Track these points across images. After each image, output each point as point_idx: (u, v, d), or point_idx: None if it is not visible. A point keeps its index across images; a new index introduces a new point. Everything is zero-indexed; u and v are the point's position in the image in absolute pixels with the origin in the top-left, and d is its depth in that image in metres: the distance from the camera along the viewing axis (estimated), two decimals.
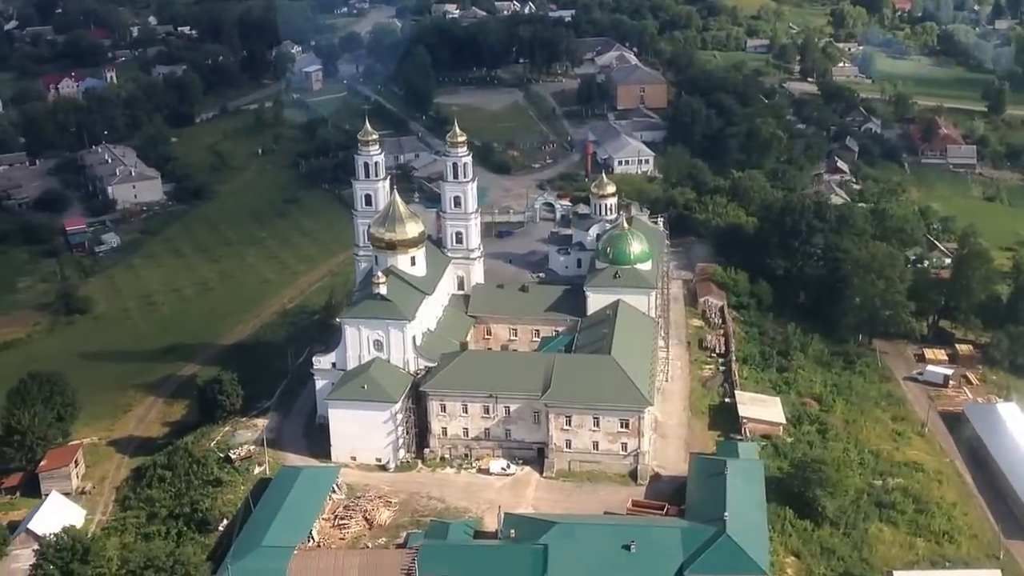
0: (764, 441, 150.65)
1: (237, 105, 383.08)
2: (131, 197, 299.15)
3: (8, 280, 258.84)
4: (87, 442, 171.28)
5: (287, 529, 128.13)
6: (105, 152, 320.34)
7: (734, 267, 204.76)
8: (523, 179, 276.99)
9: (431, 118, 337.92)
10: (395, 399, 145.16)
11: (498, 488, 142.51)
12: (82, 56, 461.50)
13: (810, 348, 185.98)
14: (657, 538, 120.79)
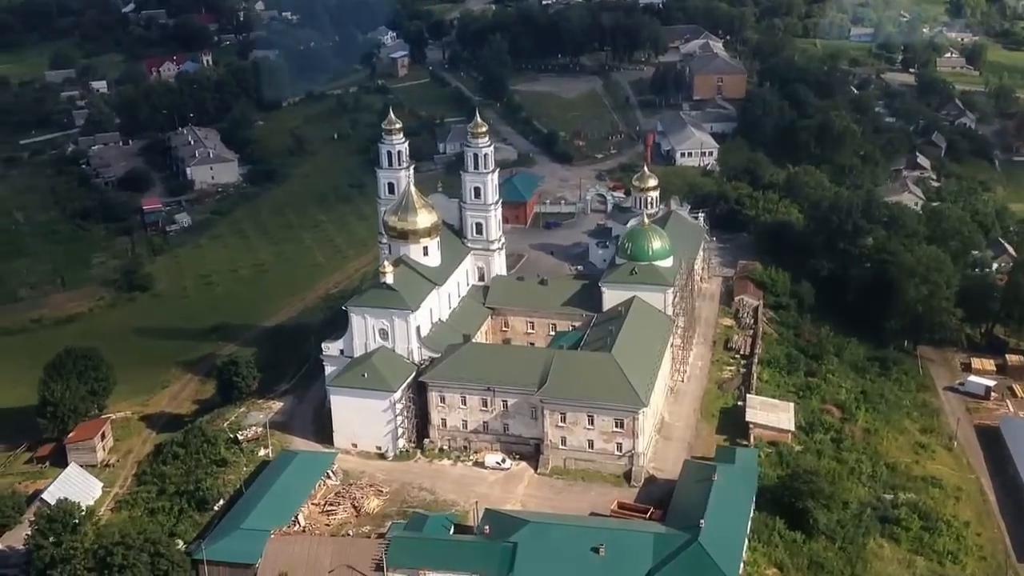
0: (770, 448, 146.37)
1: (323, 90, 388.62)
2: (208, 178, 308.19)
3: (84, 256, 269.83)
4: (120, 416, 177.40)
5: (271, 512, 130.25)
6: (189, 134, 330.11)
7: (777, 266, 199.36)
8: (584, 169, 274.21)
9: (505, 105, 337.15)
10: (394, 389, 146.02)
11: (491, 482, 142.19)
12: (188, 40, 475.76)
13: (846, 353, 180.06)
14: (628, 542, 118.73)
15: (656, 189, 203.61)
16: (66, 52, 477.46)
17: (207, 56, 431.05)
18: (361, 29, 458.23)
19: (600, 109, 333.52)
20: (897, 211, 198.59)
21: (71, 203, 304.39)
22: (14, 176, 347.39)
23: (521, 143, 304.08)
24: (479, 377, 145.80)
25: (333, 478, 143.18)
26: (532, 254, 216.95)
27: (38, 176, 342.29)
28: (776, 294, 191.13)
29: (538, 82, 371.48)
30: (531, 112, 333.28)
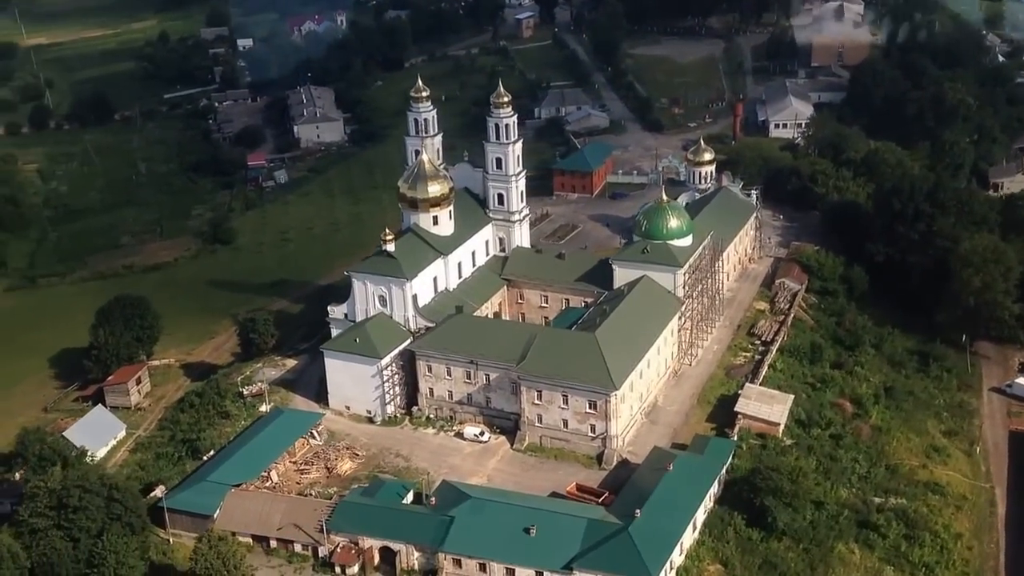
0: (757, 440, 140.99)
1: (446, 51, 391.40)
2: (314, 137, 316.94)
3: (186, 208, 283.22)
4: (162, 363, 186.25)
5: (241, 467, 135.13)
6: (304, 92, 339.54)
7: (837, 248, 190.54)
8: (672, 138, 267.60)
9: (613, 70, 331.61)
10: (381, 355, 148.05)
11: (466, 454, 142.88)
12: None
13: (886, 344, 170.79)
14: (560, 526, 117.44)
15: (711, 164, 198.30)
16: (222, 10, 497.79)
17: (341, 16, 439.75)
18: None
19: (711, 75, 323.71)
20: (965, 196, 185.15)
21: (188, 156, 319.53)
22: (150, 128, 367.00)
23: (620, 109, 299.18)
24: (463, 349, 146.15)
25: (317, 438, 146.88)
26: (588, 225, 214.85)
27: (169, 129, 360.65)
28: (823, 279, 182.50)
29: (658, 45, 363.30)
30: (638, 77, 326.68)
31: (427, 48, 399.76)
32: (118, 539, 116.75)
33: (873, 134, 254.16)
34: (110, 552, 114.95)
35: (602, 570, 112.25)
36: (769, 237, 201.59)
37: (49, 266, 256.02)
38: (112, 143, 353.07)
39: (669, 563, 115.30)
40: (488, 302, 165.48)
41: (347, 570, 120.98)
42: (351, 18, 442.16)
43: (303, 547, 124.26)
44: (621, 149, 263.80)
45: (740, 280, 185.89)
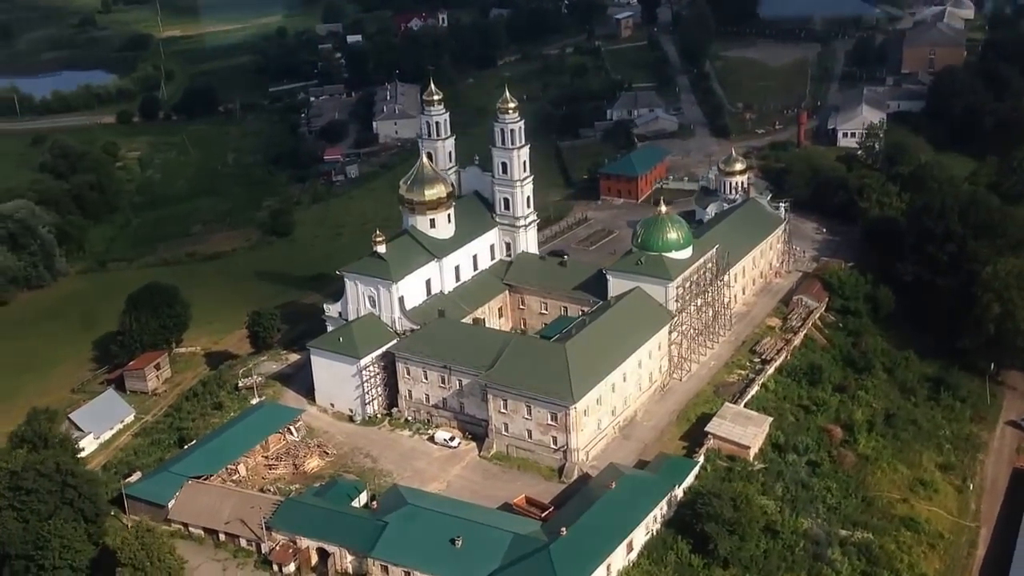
0: (726, 462, 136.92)
1: (541, 51, 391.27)
2: (392, 133, 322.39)
3: (258, 198, 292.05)
4: (187, 351, 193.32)
5: (207, 459, 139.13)
6: (390, 89, 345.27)
7: (868, 266, 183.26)
8: (736, 145, 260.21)
9: (697, 72, 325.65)
10: (361, 356, 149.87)
11: (433, 459, 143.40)
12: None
13: (900, 369, 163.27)
14: (487, 539, 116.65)
15: (742, 173, 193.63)
16: (339, 6, 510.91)
17: (443, 14, 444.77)
18: None
19: (797, 80, 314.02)
20: (999, 217, 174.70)
21: (273, 149, 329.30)
22: (248, 121, 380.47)
23: (695, 113, 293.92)
24: (439, 354, 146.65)
25: (295, 434, 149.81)
26: (625, 231, 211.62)
27: (265, 122, 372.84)
28: (844, 297, 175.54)
29: (752, 48, 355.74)
30: (723, 80, 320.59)
31: (524, 47, 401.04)
32: (65, 523, 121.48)
33: (947, 146, 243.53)
34: (55, 535, 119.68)
35: None
36: (804, 251, 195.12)
37: (124, 251, 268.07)
38: (210, 134, 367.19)
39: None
40: (485, 306, 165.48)
41: (283, 569, 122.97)
42: (454, 16, 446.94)
43: (248, 543, 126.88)
44: (682, 154, 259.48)
45: (760, 295, 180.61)
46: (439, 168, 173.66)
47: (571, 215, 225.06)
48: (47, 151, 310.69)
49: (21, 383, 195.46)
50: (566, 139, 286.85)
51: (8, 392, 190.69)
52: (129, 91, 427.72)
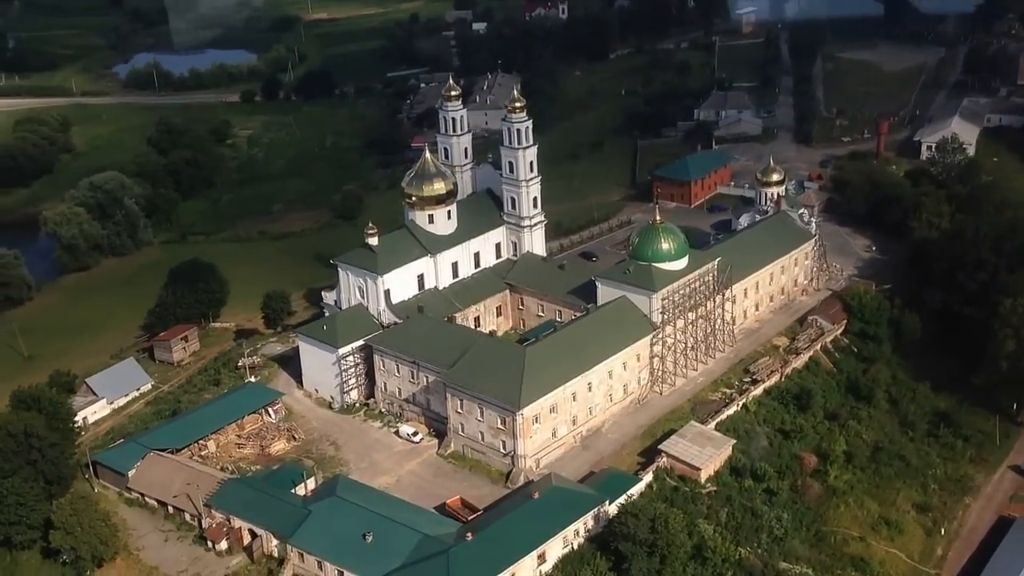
0: (677, 482, 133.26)
1: (655, 45, 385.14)
2: (482, 123, 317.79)
3: (343, 182, 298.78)
4: (221, 326, 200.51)
5: (179, 433, 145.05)
6: (488, 79, 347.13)
7: (906, 289, 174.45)
8: (815, 152, 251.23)
9: (803, 73, 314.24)
10: (339, 345, 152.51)
11: (393, 452, 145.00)
12: None
13: (904, 400, 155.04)
14: (396, 537, 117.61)
15: (779, 185, 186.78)
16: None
17: (563, 4, 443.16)
18: None
19: (907, 87, 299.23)
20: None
21: (370, 133, 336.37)
22: (360, 104, 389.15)
23: (787, 116, 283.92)
24: (409, 349, 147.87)
25: (272, 416, 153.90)
26: None
27: (373, 107, 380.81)
28: (864, 321, 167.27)
29: (870, 50, 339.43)
30: (827, 83, 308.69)
31: (641, 40, 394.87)
32: (23, 482, 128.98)
33: None
34: (11, 492, 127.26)
35: None
36: (842, 269, 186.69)
37: (207, 226, 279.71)
38: (320, 116, 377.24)
39: None
40: (481, 304, 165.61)
41: (216, 546, 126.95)
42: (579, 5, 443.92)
43: (191, 517, 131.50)
44: (755, 159, 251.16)
45: (779, 312, 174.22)
46: (453, 164, 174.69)
47: (618, 216, 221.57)
48: (154, 126, 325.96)
49: (72, 344, 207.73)
50: (647, 138, 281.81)
51: (58, 352, 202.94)
52: (259, 71, 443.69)
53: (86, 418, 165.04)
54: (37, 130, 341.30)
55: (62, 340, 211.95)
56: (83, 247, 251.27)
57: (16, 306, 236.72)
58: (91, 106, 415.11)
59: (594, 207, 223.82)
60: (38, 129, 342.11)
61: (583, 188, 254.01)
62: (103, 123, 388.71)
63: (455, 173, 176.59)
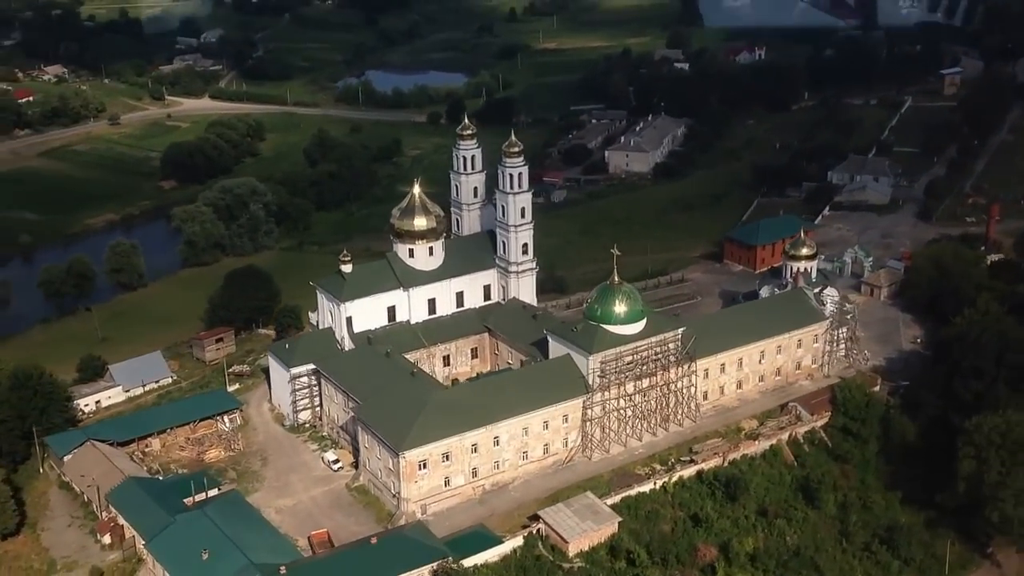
0: (549, 552, 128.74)
1: (841, 99, 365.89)
2: (623, 164, 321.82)
3: None
4: (264, 332, 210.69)
5: (127, 427, 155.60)
6: (643, 121, 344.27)
7: (908, 388, 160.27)
8: (930, 230, 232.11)
9: (967, 145, 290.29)
10: (291, 365, 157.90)
11: (310, 476, 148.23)
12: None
13: (854, 509, 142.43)
14: (227, 559, 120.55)
15: (808, 259, 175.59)
16: (681, 33, 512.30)
17: (760, 50, 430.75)
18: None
19: None
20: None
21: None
22: (528, 135, 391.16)
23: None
24: (345, 378, 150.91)
25: (227, 424, 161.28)
26: (710, 299, 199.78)
27: (534, 138, 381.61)
28: (848, 416, 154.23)
29: None
30: (994, 158, 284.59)
31: (830, 93, 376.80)
32: None
33: None
34: None
35: None
36: (868, 359, 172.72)
37: (333, 237, 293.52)
38: (483, 143, 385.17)
39: None
40: (452, 344, 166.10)
41: (101, 539, 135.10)
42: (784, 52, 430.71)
43: (96, 508, 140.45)
44: (859, 231, 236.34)
45: (769, 393, 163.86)
46: (461, 202, 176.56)
47: (676, 273, 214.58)
48: (310, 139, 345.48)
49: (146, 331, 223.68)
50: (770, 195, 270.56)
51: (130, 337, 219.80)
52: (457, 94, 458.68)
53: (99, 402, 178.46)
54: (224, 133, 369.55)
55: (141, 327, 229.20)
56: (202, 244, 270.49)
57: (128, 291, 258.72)
58: (297, 115, 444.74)
59: (648, 260, 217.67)
60: (225, 132, 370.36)
61: (673, 241, 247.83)
62: (298, 132, 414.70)
63: (462, 211, 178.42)
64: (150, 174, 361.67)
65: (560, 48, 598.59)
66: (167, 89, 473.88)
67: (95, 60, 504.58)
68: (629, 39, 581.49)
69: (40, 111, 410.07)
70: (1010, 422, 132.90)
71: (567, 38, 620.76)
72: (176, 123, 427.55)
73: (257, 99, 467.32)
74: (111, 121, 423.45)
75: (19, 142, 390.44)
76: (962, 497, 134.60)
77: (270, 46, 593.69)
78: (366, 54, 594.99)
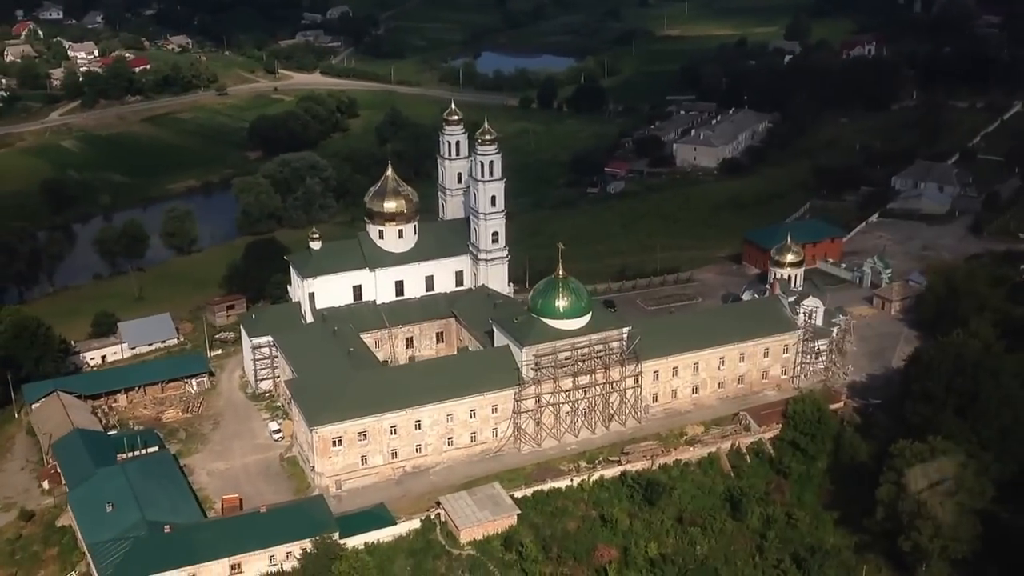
0: (444, 538, 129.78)
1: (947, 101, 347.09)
2: (691, 158, 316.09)
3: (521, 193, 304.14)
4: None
5: (96, 382, 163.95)
6: (721, 114, 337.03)
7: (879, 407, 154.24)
8: (976, 244, 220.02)
9: None
10: (252, 335, 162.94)
11: (251, 444, 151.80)
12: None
13: (777, 524, 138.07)
14: (126, 514, 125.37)
15: (796, 266, 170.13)
16: (800, 24, 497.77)
17: (870, 45, 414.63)
18: None
19: None
20: (983, 380, 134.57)
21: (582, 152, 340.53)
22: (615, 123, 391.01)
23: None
24: (291, 353, 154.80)
25: (194, 387, 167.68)
26: (713, 302, 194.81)
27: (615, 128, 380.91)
28: (798, 431, 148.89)
29: None
30: None
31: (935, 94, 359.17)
32: None
33: None
34: None
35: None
36: (846, 374, 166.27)
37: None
38: (570, 129, 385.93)
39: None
40: (416, 327, 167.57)
41: (40, 484, 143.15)
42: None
43: (43, 456, 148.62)
44: (903, 240, 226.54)
45: (729, 401, 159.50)
46: (444, 187, 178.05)
47: (690, 272, 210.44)
48: (383, 117, 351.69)
49: (179, 294, 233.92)
50: (825, 198, 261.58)
51: (164, 297, 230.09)
52: (556, 79, 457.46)
53: (104, 357, 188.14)
54: (311, 108, 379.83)
55: (179, 289, 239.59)
56: (256, 214, 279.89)
57: (181, 255, 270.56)
58: (396, 94, 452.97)
59: (658, 258, 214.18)
60: (313, 107, 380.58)
61: (709, 239, 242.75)
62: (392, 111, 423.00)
63: (446, 196, 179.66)
64: (240, 144, 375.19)
65: (682, 36, 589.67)
66: (281, 63, 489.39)
67: (222, 32, 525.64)
68: (756, 28, 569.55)
69: (152, 79, 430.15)
70: (935, 450, 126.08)
71: (692, 25, 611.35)
72: (280, 96, 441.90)
73: (363, 76, 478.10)
74: (219, 91, 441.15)
75: (127, 107, 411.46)
76: (881, 523, 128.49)
77: (392, 24, 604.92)
78: (485, 35, 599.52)
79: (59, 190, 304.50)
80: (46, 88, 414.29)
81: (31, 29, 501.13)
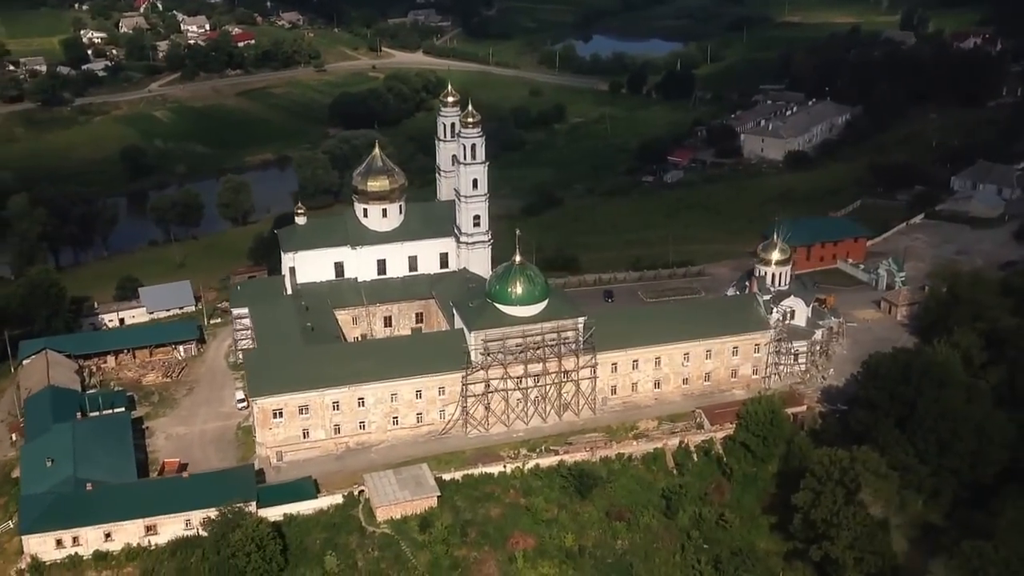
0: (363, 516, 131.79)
1: None
2: (757, 149, 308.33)
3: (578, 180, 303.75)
4: None
5: (88, 343, 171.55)
6: (795, 106, 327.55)
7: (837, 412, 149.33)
8: (1013, 250, 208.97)
9: None
10: (232, 306, 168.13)
11: (215, 411, 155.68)
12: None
13: (706, 524, 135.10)
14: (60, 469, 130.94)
15: (782, 265, 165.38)
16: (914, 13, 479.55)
17: (976, 39, 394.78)
18: None
19: None
20: (926, 390, 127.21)
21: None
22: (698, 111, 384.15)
23: None
24: (257, 324, 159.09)
25: (181, 352, 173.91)
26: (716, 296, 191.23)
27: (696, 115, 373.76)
28: (752, 433, 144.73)
29: None
30: None
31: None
32: None
33: None
34: None
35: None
36: (825, 377, 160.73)
37: None
38: (651, 116, 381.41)
39: None
40: (395, 306, 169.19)
41: (11, 436, 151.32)
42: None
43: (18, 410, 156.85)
44: (938, 243, 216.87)
45: (692, 397, 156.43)
46: (441, 169, 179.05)
47: (701, 266, 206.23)
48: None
49: (217, 264, 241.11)
50: (876, 197, 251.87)
51: (204, 267, 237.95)
52: (652, 64, 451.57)
53: (123, 319, 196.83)
54: (395, 86, 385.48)
55: (222, 259, 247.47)
56: (311, 189, 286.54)
57: (236, 226, 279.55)
58: (492, 76, 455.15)
59: (673, 250, 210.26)
60: (396, 86, 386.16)
61: (744, 232, 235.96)
62: (482, 93, 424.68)
63: (441, 177, 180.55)
64: (323, 120, 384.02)
65: (801, 22, 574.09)
66: (385, 42, 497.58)
67: (334, 9, 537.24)
68: (878, 16, 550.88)
69: (254, 54, 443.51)
70: (855, 458, 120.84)
71: (814, 12, 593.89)
72: (377, 75, 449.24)
73: (463, 56, 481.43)
74: (317, 68, 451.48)
75: (224, 81, 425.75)
76: (798, 530, 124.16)
77: (504, 5, 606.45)
78: (598, 18, 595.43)
79: (137, 158, 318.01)
80: (150, 59, 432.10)
81: (151, 2, 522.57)
